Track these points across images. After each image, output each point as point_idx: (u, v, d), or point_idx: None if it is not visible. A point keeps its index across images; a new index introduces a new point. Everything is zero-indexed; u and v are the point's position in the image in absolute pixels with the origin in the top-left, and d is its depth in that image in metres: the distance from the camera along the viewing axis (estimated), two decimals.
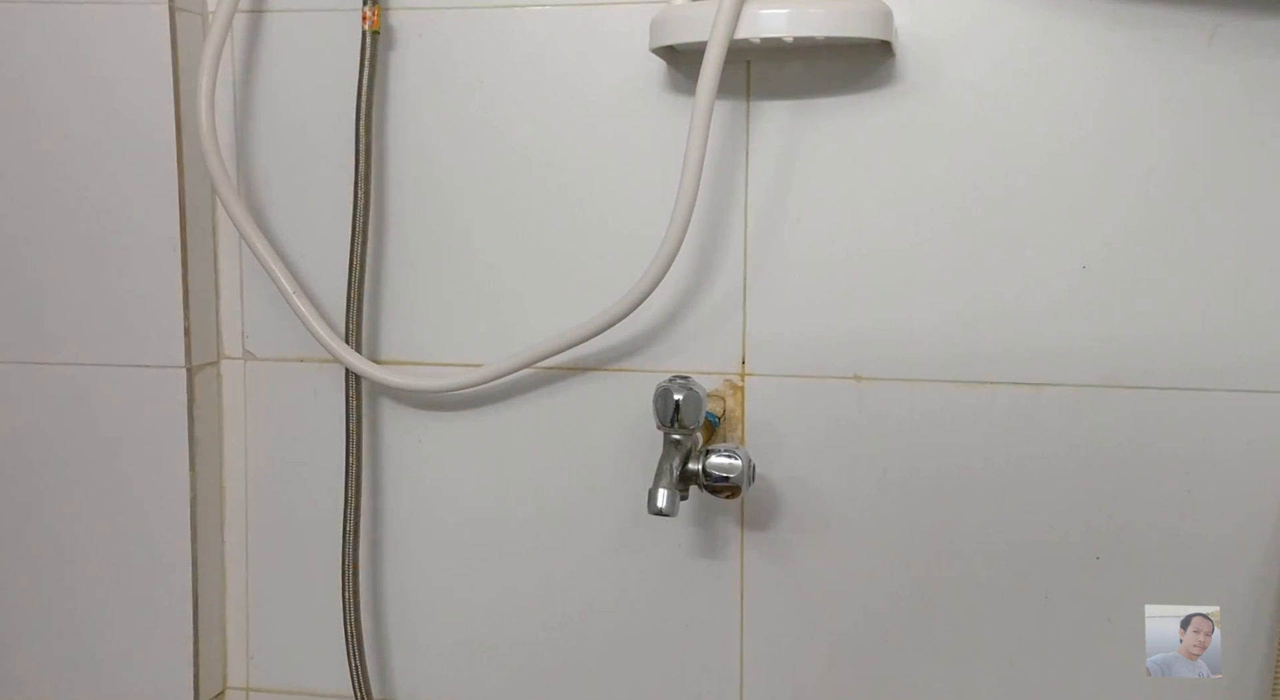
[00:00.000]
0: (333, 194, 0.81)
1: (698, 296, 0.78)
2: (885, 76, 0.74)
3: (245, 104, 0.83)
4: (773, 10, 0.68)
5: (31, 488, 0.84)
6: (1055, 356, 0.74)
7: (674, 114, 0.77)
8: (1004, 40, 0.72)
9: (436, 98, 0.80)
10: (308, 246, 0.83)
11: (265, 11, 0.81)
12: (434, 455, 0.84)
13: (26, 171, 0.81)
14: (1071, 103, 0.72)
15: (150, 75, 0.79)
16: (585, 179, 0.79)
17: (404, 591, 0.85)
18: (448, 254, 0.82)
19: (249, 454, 0.86)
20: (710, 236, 0.77)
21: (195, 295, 0.82)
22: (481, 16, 0.79)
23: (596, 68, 0.78)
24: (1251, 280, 0.71)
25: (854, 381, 0.77)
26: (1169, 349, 0.72)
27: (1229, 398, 0.72)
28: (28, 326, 0.83)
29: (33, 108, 0.80)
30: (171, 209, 0.80)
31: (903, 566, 0.78)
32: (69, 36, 0.79)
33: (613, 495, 0.81)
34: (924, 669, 0.78)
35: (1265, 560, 0.73)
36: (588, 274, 0.79)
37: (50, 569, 0.85)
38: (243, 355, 0.85)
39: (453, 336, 0.82)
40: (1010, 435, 0.75)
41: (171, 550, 0.83)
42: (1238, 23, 0.69)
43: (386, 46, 0.80)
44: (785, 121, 0.76)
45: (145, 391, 0.82)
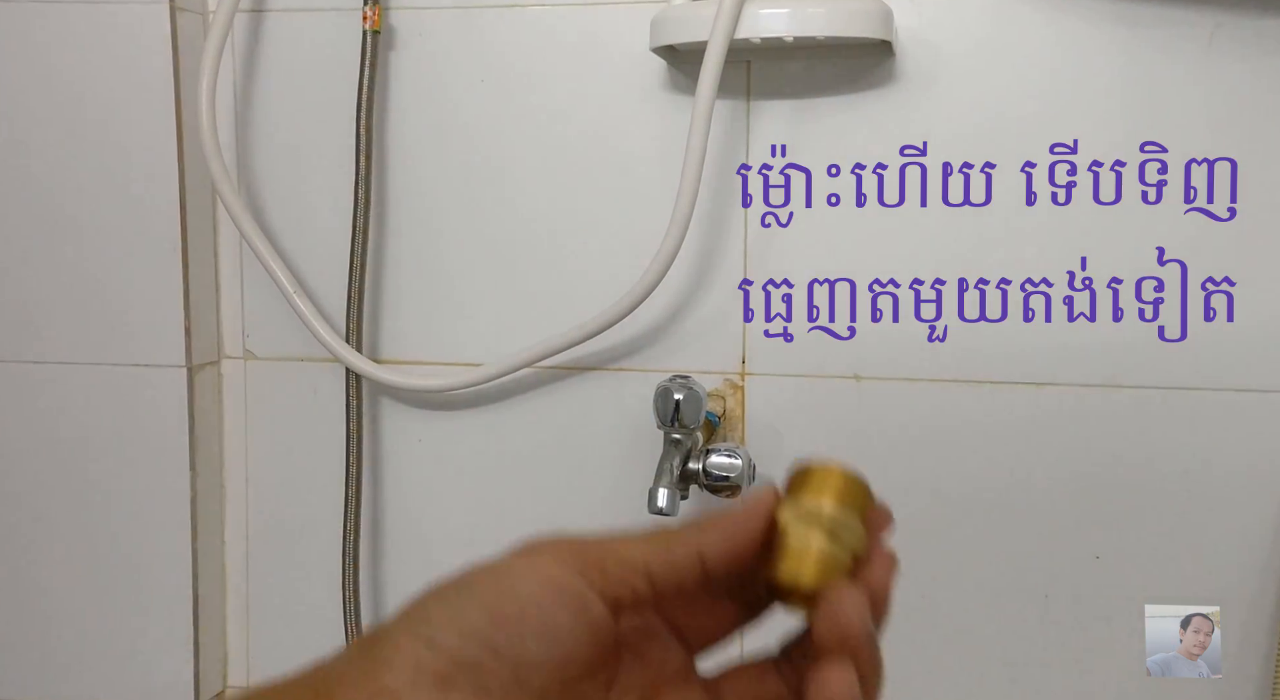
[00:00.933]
0: (333, 193, 0.81)
1: (698, 296, 0.78)
2: (886, 76, 0.74)
3: (246, 103, 0.83)
4: (773, 10, 0.68)
5: (31, 487, 0.84)
6: (1055, 356, 0.74)
7: (674, 114, 0.77)
8: (1005, 40, 0.72)
9: (437, 97, 0.80)
10: (308, 246, 0.83)
11: (266, 11, 0.81)
12: (434, 455, 0.84)
13: (26, 171, 0.81)
14: (1072, 102, 0.72)
15: (150, 75, 0.79)
16: (585, 178, 0.79)
17: (404, 591, 0.85)
18: (448, 253, 0.82)
19: (249, 454, 0.86)
20: (710, 236, 0.77)
21: (195, 294, 0.82)
22: (482, 16, 0.79)
23: (597, 67, 0.78)
24: (1253, 279, 0.71)
25: (854, 381, 0.77)
26: (1169, 348, 0.72)
27: (1229, 397, 0.72)
28: (27, 326, 0.83)
29: (32, 107, 0.80)
30: (172, 208, 0.80)
31: (903, 566, 0.77)
32: (69, 36, 0.79)
33: (613, 495, 0.81)
34: (924, 669, 0.78)
35: (1265, 560, 0.73)
36: (588, 274, 0.79)
37: (49, 569, 0.85)
38: (243, 355, 0.85)
39: (453, 336, 0.82)
40: (1010, 435, 0.75)
41: (171, 550, 0.83)
42: (1238, 22, 0.69)
43: (387, 46, 0.80)
44: (785, 121, 0.76)
45: (145, 391, 0.82)
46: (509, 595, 0.29)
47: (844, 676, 0.29)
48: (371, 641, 0.30)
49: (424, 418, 0.84)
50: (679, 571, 0.31)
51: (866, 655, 0.30)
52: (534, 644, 0.29)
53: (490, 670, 0.29)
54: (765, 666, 0.34)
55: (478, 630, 0.29)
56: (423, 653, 0.29)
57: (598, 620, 0.30)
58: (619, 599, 0.30)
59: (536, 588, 0.29)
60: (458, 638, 0.29)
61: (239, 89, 0.83)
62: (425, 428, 0.84)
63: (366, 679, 0.29)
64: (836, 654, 0.30)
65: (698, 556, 0.31)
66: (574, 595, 0.30)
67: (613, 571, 0.30)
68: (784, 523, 0.32)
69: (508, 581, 0.30)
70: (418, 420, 0.84)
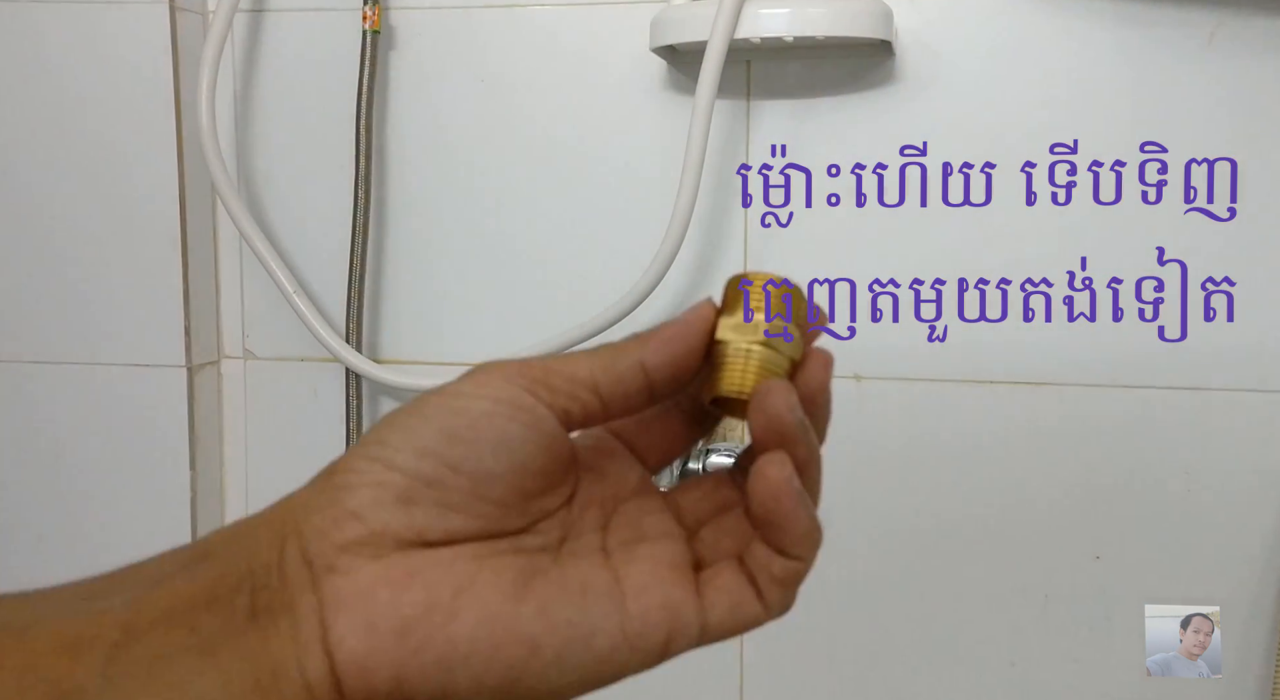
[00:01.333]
0: (333, 193, 0.81)
1: (698, 296, 0.78)
2: (886, 76, 0.74)
3: (245, 103, 0.83)
4: (773, 10, 0.68)
5: (31, 486, 0.84)
6: (1055, 356, 0.74)
7: (674, 113, 0.77)
8: (1006, 39, 0.72)
9: (437, 97, 0.80)
10: (308, 246, 0.83)
11: (265, 11, 0.81)
12: None
13: (25, 170, 0.81)
14: (1072, 102, 0.72)
15: (150, 75, 0.79)
16: (586, 178, 0.79)
17: None
18: (448, 253, 0.82)
19: (249, 453, 0.86)
20: (710, 236, 0.77)
21: (195, 294, 0.82)
22: (482, 16, 0.79)
23: (597, 67, 0.78)
24: (1253, 279, 0.71)
25: (854, 381, 0.77)
26: (1169, 348, 0.72)
27: (1229, 397, 0.72)
28: (26, 325, 0.83)
29: (32, 107, 0.80)
30: (172, 208, 0.80)
31: (903, 566, 0.78)
32: (68, 36, 0.79)
33: None
34: (924, 669, 0.78)
35: (1266, 560, 0.73)
36: (588, 274, 0.79)
37: (49, 568, 0.85)
38: (243, 354, 0.85)
39: (453, 336, 0.82)
40: (1010, 435, 0.75)
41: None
42: (1239, 21, 0.69)
43: (387, 46, 0.80)
44: (786, 121, 0.76)
45: (145, 391, 0.82)
46: (461, 414, 0.30)
47: (781, 467, 0.30)
48: (331, 472, 0.30)
49: None
50: (624, 383, 0.32)
51: (803, 447, 0.31)
52: (490, 457, 0.30)
53: (450, 484, 0.30)
54: (720, 477, 0.35)
55: (434, 448, 0.30)
56: (382, 473, 0.29)
57: (550, 432, 0.31)
58: (568, 412, 0.31)
59: (489, 404, 0.30)
60: (415, 457, 0.29)
61: (239, 89, 0.83)
62: None
63: (330, 505, 0.29)
64: (773, 447, 0.31)
65: (640, 366, 0.32)
66: (525, 409, 0.30)
67: (560, 387, 0.31)
68: (723, 336, 0.32)
69: (459, 402, 0.30)
70: None
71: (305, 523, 0.30)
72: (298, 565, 0.29)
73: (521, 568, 0.30)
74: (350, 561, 0.29)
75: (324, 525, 0.29)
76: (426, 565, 0.29)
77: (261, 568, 0.29)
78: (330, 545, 0.29)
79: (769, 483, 0.30)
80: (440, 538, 0.30)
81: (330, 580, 0.29)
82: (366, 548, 0.29)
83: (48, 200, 0.81)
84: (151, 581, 0.29)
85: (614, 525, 0.33)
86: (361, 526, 0.29)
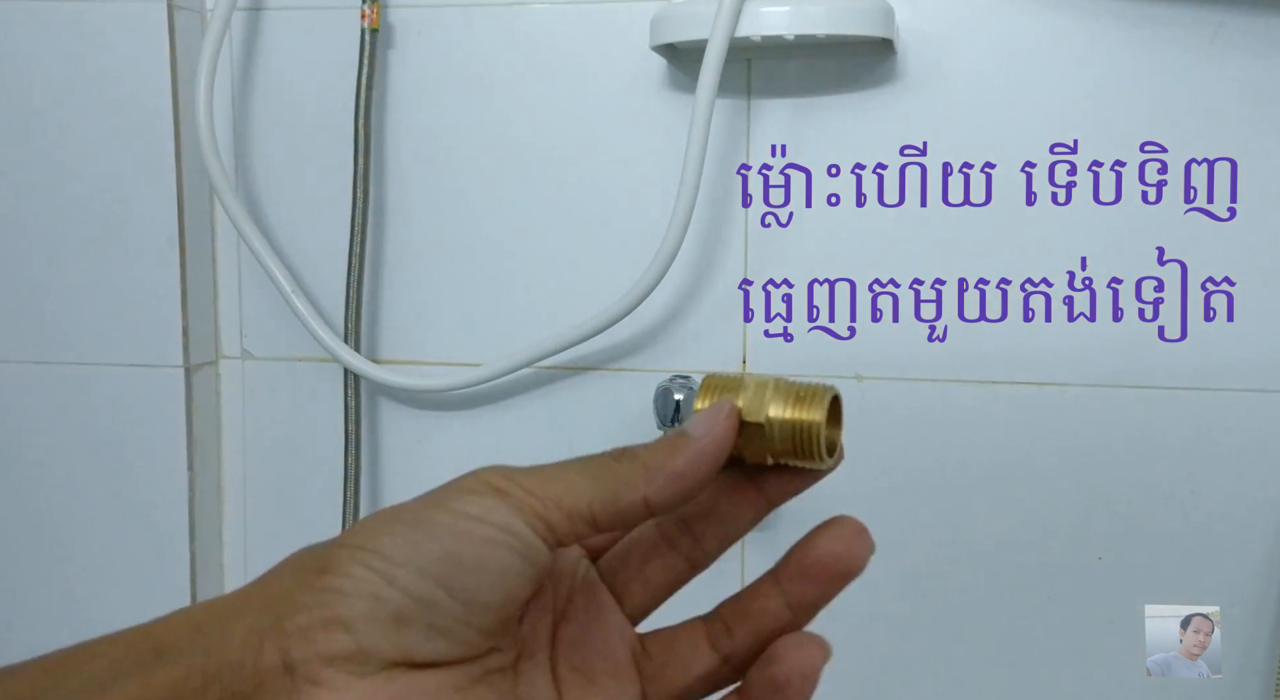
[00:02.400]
0: (331, 193, 0.81)
1: (698, 296, 0.78)
2: (887, 74, 0.74)
3: (244, 102, 0.82)
4: (774, 8, 0.68)
5: (29, 487, 0.84)
6: (1055, 356, 0.74)
7: (674, 112, 0.77)
8: (1006, 39, 0.72)
9: (436, 96, 0.80)
10: (306, 245, 0.83)
11: (264, 9, 0.81)
12: (433, 455, 0.83)
13: (23, 170, 0.81)
14: (1072, 102, 0.72)
15: (148, 73, 0.79)
16: (585, 178, 0.79)
17: None
18: (447, 253, 0.81)
19: (247, 454, 0.86)
20: (710, 236, 0.77)
21: (193, 294, 0.82)
22: (481, 14, 0.79)
23: (596, 66, 0.78)
24: (1253, 279, 0.71)
25: (855, 381, 0.76)
26: (1169, 348, 0.72)
27: (1232, 397, 0.72)
28: (25, 325, 0.82)
29: (30, 106, 0.80)
30: (169, 207, 0.80)
31: (903, 566, 0.77)
32: (66, 34, 0.79)
33: None
34: (924, 669, 0.78)
35: (1268, 560, 0.73)
36: (588, 273, 0.79)
37: (48, 568, 0.85)
38: (241, 354, 0.85)
39: (452, 336, 0.82)
40: (1012, 435, 0.75)
41: (170, 550, 0.83)
42: (1239, 21, 0.69)
43: (386, 44, 0.80)
44: (786, 119, 0.75)
45: (143, 391, 0.82)
46: (466, 539, 0.29)
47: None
48: (320, 568, 0.29)
49: (422, 418, 0.83)
50: (624, 517, 0.31)
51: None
52: (488, 587, 0.29)
53: (444, 609, 0.29)
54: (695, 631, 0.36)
55: (435, 570, 0.29)
56: (380, 587, 0.28)
57: (543, 565, 0.31)
58: (562, 543, 0.31)
59: (494, 533, 0.30)
60: (416, 576, 0.29)
61: (237, 87, 0.82)
62: (424, 428, 0.83)
63: (319, 606, 0.28)
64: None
65: (643, 503, 0.31)
66: (525, 541, 0.30)
67: (560, 524, 0.30)
68: (749, 418, 0.33)
69: (464, 525, 0.30)
70: (416, 420, 0.83)
71: (289, 620, 0.28)
72: (277, 672, 0.28)
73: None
74: (334, 676, 0.28)
75: (309, 627, 0.28)
76: (409, 692, 0.29)
77: (231, 667, 0.27)
78: (316, 655, 0.28)
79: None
80: (424, 660, 0.29)
81: (313, 694, 0.28)
82: (352, 663, 0.28)
83: (44, 199, 0.81)
84: (99, 685, 0.27)
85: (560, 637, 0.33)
86: (350, 640, 0.28)
